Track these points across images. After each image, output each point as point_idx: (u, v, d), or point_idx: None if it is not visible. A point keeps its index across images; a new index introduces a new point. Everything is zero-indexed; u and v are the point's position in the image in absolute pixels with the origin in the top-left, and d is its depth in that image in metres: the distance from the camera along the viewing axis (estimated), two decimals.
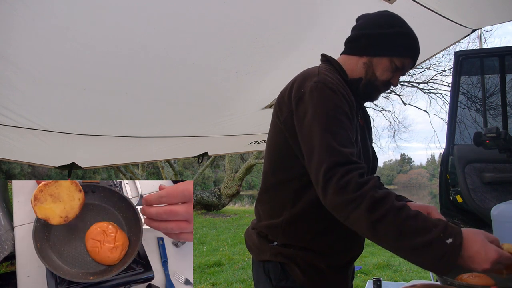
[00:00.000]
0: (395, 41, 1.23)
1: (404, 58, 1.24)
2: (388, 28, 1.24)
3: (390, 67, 1.24)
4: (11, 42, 1.45)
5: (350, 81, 1.26)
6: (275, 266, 1.20)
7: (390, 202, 0.94)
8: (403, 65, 1.25)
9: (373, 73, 1.25)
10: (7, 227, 1.36)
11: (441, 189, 2.69)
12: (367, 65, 1.26)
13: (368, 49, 1.26)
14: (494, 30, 22.90)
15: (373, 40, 1.25)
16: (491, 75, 2.88)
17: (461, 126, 2.82)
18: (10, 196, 1.41)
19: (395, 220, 0.92)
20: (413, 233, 0.91)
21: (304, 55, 2.24)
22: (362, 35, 1.27)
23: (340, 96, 1.12)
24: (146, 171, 15.34)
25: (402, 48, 1.24)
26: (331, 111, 1.08)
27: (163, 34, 1.69)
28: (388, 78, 1.26)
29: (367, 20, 1.30)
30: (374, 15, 1.30)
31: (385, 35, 1.24)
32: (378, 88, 1.28)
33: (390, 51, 1.24)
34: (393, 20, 1.26)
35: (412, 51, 1.26)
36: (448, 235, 0.91)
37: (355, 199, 0.95)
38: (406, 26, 1.26)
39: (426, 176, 69.95)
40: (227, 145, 4.08)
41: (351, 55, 1.30)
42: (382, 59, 1.24)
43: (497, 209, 1.52)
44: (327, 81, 1.13)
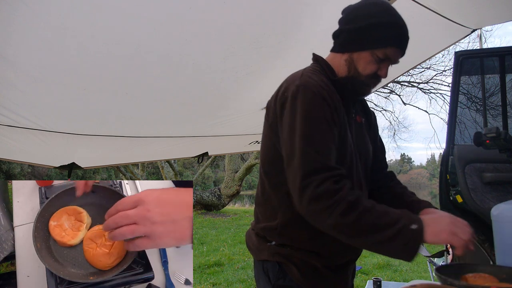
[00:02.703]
0: (371, 33, 1.18)
1: (385, 48, 1.18)
2: (364, 21, 1.18)
3: (372, 60, 1.19)
4: (11, 42, 1.45)
5: (337, 80, 1.24)
6: (273, 265, 1.22)
7: (361, 205, 1.02)
8: (386, 55, 1.19)
9: (356, 69, 1.22)
10: (7, 227, 1.36)
11: (441, 189, 2.69)
12: (348, 62, 1.23)
13: (346, 45, 1.23)
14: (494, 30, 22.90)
15: (349, 36, 1.22)
16: (491, 75, 2.88)
17: (461, 126, 2.82)
18: (10, 196, 1.41)
19: (367, 221, 1.01)
20: (384, 228, 1.01)
21: (304, 55, 2.24)
22: (340, 31, 1.25)
23: (320, 99, 1.12)
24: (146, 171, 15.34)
25: (380, 39, 1.18)
26: (309, 116, 1.09)
27: (163, 34, 1.69)
28: (372, 71, 1.21)
29: (346, 14, 1.26)
30: (353, 7, 1.24)
31: (360, 29, 1.19)
32: (364, 83, 1.23)
33: (367, 44, 1.19)
34: (370, 11, 1.20)
35: (392, 39, 1.19)
36: (412, 222, 1.01)
37: (328, 207, 1.01)
38: (386, 14, 1.19)
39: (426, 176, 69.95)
40: (227, 145, 4.08)
41: (335, 52, 1.28)
42: (362, 53, 1.20)
43: (497, 209, 1.51)
44: (308, 84, 1.14)
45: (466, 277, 1.27)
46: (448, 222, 1.07)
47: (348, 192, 1.03)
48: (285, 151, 1.12)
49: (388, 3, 1.24)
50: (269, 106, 1.25)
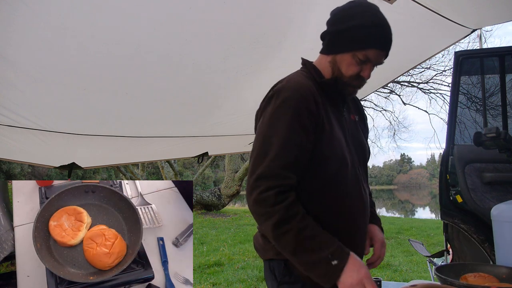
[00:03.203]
0: (350, 35, 1.19)
1: (364, 50, 1.19)
2: (345, 23, 1.20)
3: (353, 62, 1.21)
4: (11, 42, 1.45)
5: (323, 81, 1.26)
6: (279, 263, 1.25)
7: (294, 223, 1.08)
8: (367, 57, 1.20)
9: (339, 70, 1.24)
10: (7, 227, 1.36)
11: (441, 189, 2.69)
12: (332, 64, 1.25)
13: (330, 48, 1.25)
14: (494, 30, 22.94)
15: (331, 38, 1.24)
16: (491, 75, 2.88)
17: (461, 126, 2.82)
18: (10, 196, 1.41)
19: (293, 239, 1.08)
20: (307, 251, 1.08)
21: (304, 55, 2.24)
22: (326, 33, 1.27)
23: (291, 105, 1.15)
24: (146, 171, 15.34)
25: (359, 41, 1.18)
26: (274, 122, 1.15)
27: (163, 34, 1.69)
28: (355, 72, 1.22)
29: (332, 16, 1.27)
30: (338, 10, 1.26)
31: (341, 31, 1.21)
32: (348, 83, 1.25)
33: (346, 46, 1.20)
34: (352, 13, 1.20)
35: (372, 41, 1.18)
36: (335, 257, 1.07)
37: (266, 213, 1.10)
38: (367, 16, 1.19)
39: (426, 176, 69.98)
40: (227, 145, 4.08)
41: (322, 54, 1.31)
42: (344, 55, 1.22)
43: (497, 209, 1.51)
44: (282, 90, 1.18)
45: (466, 277, 1.27)
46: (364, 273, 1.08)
47: (288, 205, 1.09)
48: (251, 149, 1.19)
49: (373, 5, 1.23)
50: (258, 109, 1.32)
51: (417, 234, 8.74)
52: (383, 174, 78.99)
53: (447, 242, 2.72)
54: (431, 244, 7.21)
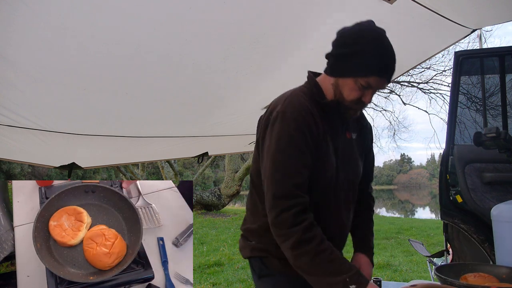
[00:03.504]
0: (353, 61, 1.19)
1: (366, 77, 1.19)
2: (348, 47, 1.20)
3: (355, 87, 1.21)
4: (11, 42, 1.45)
5: (325, 103, 1.28)
6: (257, 260, 1.36)
7: (312, 245, 1.13)
8: (369, 83, 1.20)
9: (341, 94, 1.25)
10: (7, 227, 1.36)
11: (441, 189, 2.69)
12: (335, 86, 1.26)
13: (333, 70, 1.26)
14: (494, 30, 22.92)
15: (335, 61, 1.25)
16: (491, 75, 2.88)
17: (461, 126, 2.82)
18: (10, 196, 1.41)
19: (310, 261, 1.13)
20: (324, 274, 1.11)
21: (304, 55, 2.24)
22: (330, 55, 1.27)
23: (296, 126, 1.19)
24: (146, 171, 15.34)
25: (362, 68, 1.19)
26: (282, 143, 1.19)
27: (163, 34, 1.69)
28: (356, 97, 1.23)
29: (337, 37, 1.27)
30: (343, 31, 1.25)
31: (344, 56, 1.21)
32: (349, 107, 1.27)
33: (349, 71, 1.21)
34: (356, 38, 1.20)
35: (374, 69, 1.18)
36: (354, 282, 1.09)
37: (285, 234, 1.15)
38: (371, 42, 1.18)
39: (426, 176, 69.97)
40: (227, 145, 4.08)
41: (325, 74, 1.31)
42: (346, 79, 1.22)
43: (497, 209, 1.51)
44: (287, 111, 1.21)
45: (466, 277, 1.27)
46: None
47: (305, 228, 1.13)
48: (262, 170, 1.24)
49: (379, 29, 1.22)
50: (260, 121, 1.34)
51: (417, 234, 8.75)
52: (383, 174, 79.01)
53: (447, 242, 2.72)
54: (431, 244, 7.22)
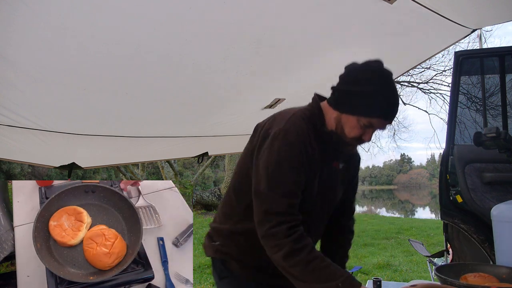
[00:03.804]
0: (358, 101, 1.21)
1: (371, 118, 1.22)
2: (355, 86, 1.22)
3: (358, 125, 1.23)
4: (11, 42, 1.45)
5: (324, 132, 1.29)
6: (217, 262, 1.39)
7: (304, 254, 1.15)
8: (371, 123, 1.23)
9: (342, 129, 1.26)
10: (7, 227, 1.36)
11: (441, 189, 2.68)
12: (337, 120, 1.27)
13: (338, 105, 1.27)
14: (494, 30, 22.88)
15: (341, 97, 1.26)
16: (491, 75, 2.88)
17: (461, 126, 2.81)
18: (10, 196, 1.41)
19: (303, 270, 1.15)
20: (316, 281, 1.14)
21: (304, 55, 2.24)
22: (336, 89, 1.28)
23: (296, 148, 1.21)
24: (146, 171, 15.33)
25: (366, 109, 1.21)
26: (281, 162, 1.20)
27: (163, 34, 1.69)
28: (357, 135, 1.25)
29: (345, 73, 1.28)
30: (352, 68, 1.27)
31: (350, 94, 1.23)
32: (348, 143, 1.29)
33: (353, 110, 1.23)
34: (364, 78, 1.22)
35: (378, 111, 1.22)
36: (346, 287, 1.10)
37: (277, 245, 1.17)
38: (378, 84, 1.21)
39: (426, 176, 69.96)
40: (227, 145, 4.08)
41: (329, 105, 1.31)
42: (350, 116, 1.24)
43: (497, 209, 1.51)
44: (289, 130, 1.22)
45: (466, 277, 1.27)
46: None
47: (296, 239, 1.16)
48: (255, 183, 1.23)
49: (386, 71, 1.24)
50: (255, 131, 1.33)
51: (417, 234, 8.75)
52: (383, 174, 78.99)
53: (447, 242, 2.72)
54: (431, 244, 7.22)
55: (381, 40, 2.30)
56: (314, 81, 2.66)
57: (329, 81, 1.32)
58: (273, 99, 2.75)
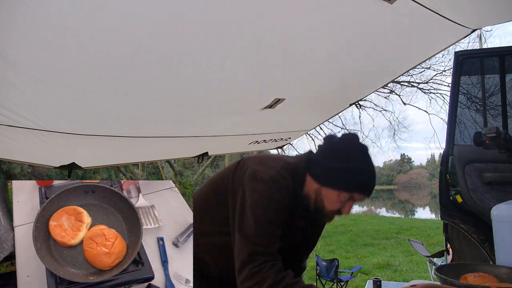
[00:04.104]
0: (344, 176, 1.26)
1: (352, 192, 1.27)
2: (341, 162, 1.27)
3: (338, 199, 1.28)
4: (11, 42, 1.45)
5: (300, 196, 1.32)
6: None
7: (286, 281, 1.19)
8: (352, 197, 1.28)
9: (322, 202, 1.30)
10: (7, 227, 1.36)
11: (441, 189, 2.69)
12: (317, 192, 1.31)
13: (319, 178, 1.30)
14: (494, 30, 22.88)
15: (323, 171, 1.30)
16: (491, 75, 2.88)
17: (461, 126, 2.82)
18: (10, 196, 1.41)
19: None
20: None
21: (304, 55, 2.24)
22: (317, 162, 1.32)
23: (278, 192, 1.27)
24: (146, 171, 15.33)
25: (351, 184, 1.27)
26: (263, 204, 1.26)
27: (163, 34, 1.69)
28: (337, 208, 1.30)
29: (326, 146, 1.34)
30: (334, 142, 1.33)
31: (335, 169, 1.27)
32: (326, 215, 1.33)
33: (334, 185, 1.27)
34: (348, 154, 1.28)
35: (359, 186, 1.28)
36: None
37: (261, 280, 1.20)
38: (362, 160, 1.28)
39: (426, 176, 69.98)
40: (227, 145, 4.08)
41: (309, 175, 1.34)
42: (330, 190, 1.28)
43: (497, 209, 1.51)
44: (276, 177, 1.29)
45: (466, 277, 1.27)
46: None
47: (277, 270, 1.21)
48: (237, 224, 1.29)
49: (363, 146, 1.31)
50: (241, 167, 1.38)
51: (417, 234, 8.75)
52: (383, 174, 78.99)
53: (447, 242, 2.72)
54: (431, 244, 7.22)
55: (381, 40, 2.30)
56: (314, 81, 2.66)
57: (329, 81, 1.32)
58: (273, 99, 2.75)
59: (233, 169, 1.41)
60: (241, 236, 1.27)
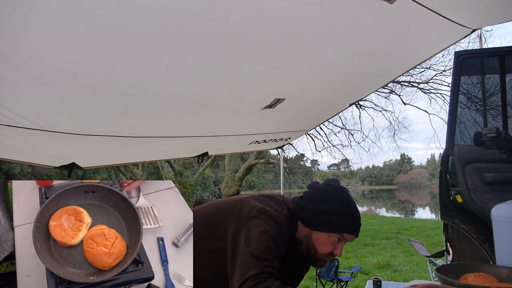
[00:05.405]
0: (327, 219, 1.32)
1: (342, 233, 1.33)
2: (322, 206, 1.33)
3: (329, 241, 1.34)
4: (11, 42, 1.45)
5: (293, 239, 1.38)
6: None
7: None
8: (342, 238, 1.34)
9: (313, 246, 1.36)
10: (7, 227, 1.36)
11: (441, 189, 2.68)
12: (307, 237, 1.37)
13: (308, 223, 1.36)
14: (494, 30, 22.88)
15: (312, 216, 1.35)
16: (491, 75, 2.88)
17: (461, 126, 2.81)
18: (10, 196, 1.41)
19: None
20: None
21: (304, 55, 2.24)
22: (304, 207, 1.38)
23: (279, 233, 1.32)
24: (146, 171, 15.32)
25: (339, 225, 1.33)
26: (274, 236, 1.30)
27: (163, 34, 1.69)
28: (329, 251, 1.35)
29: (310, 193, 1.40)
30: (319, 188, 1.40)
31: (323, 212, 1.33)
32: (321, 259, 1.38)
33: (323, 228, 1.33)
34: (333, 197, 1.35)
35: (348, 227, 1.34)
36: None
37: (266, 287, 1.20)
38: (346, 202, 1.35)
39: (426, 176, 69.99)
40: (227, 145, 4.08)
41: (300, 221, 1.40)
42: (320, 233, 1.34)
43: (497, 209, 1.51)
44: (278, 217, 1.34)
45: (466, 277, 1.27)
46: None
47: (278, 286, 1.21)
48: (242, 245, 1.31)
49: (345, 189, 1.40)
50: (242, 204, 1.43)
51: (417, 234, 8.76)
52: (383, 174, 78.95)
53: (447, 242, 2.72)
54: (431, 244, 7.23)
55: (381, 40, 2.30)
56: (314, 81, 2.66)
57: (329, 81, 1.32)
58: (273, 99, 2.75)
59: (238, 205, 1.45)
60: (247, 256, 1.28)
